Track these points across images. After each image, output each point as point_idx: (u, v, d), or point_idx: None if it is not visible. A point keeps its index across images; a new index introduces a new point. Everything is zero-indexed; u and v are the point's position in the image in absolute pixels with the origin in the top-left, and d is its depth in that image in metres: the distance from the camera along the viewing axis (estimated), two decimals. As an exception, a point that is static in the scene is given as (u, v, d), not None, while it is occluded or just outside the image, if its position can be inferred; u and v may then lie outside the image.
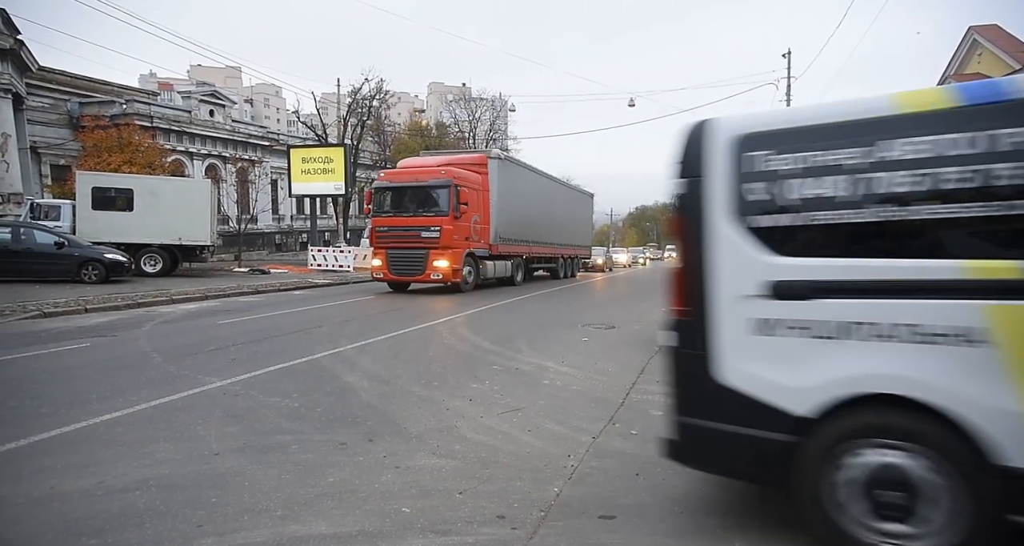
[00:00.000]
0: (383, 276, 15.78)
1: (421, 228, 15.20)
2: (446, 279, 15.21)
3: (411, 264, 15.37)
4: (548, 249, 22.48)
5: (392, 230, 15.53)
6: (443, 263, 15.08)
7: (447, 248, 15.12)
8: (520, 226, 19.22)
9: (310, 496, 3.20)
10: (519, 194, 19.21)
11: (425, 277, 15.23)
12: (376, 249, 16.03)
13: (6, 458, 3.75)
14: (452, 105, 56.02)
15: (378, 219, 15.93)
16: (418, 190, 15.61)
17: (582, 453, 3.92)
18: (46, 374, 6.12)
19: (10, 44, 21.11)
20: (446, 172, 15.49)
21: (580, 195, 28.70)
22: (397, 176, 16.37)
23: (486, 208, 17.13)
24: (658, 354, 7.54)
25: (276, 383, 5.77)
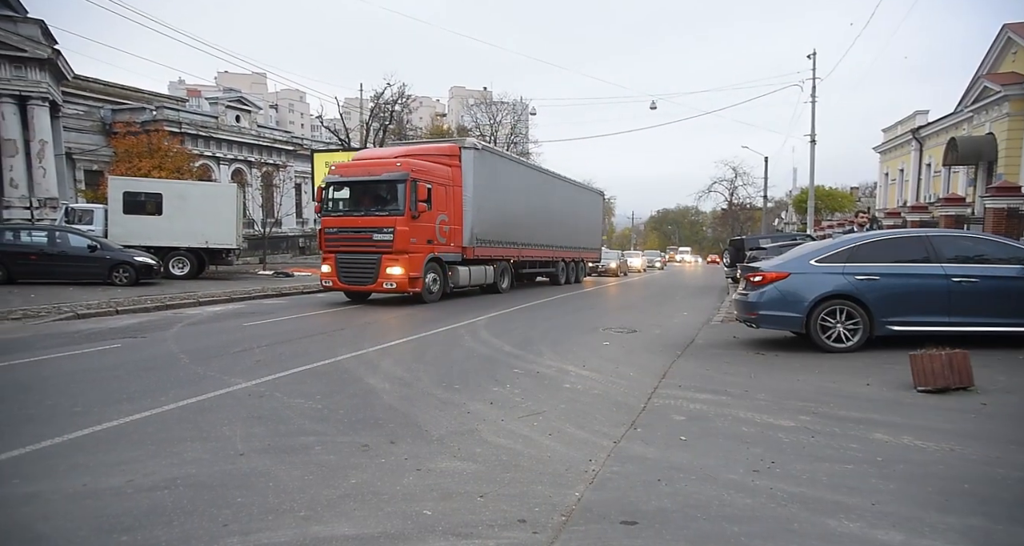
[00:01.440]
0: (332, 284, 13.72)
1: (373, 230, 13.08)
2: (401, 288, 13.14)
3: (362, 271, 13.27)
4: (544, 252, 20.41)
5: (342, 231, 13.47)
6: (397, 270, 12.97)
7: (402, 253, 12.99)
8: (504, 226, 17.13)
9: (333, 497, 3.23)
10: (503, 190, 17.01)
11: (377, 286, 13.18)
12: (325, 253, 13.85)
13: (42, 455, 3.86)
14: (473, 109, 56.28)
15: (328, 219, 13.76)
16: (370, 185, 13.45)
17: (603, 457, 3.90)
18: (80, 374, 6.29)
19: (48, 54, 21.77)
20: (402, 164, 13.21)
21: (586, 193, 26.11)
22: (349, 169, 13.88)
23: (458, 206, 14.98)
24: (680, 358, 7.47)
25: (300, 385, 5.85)
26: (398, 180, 13.03)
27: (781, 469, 3.67)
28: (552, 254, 21.15)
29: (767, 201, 48.26)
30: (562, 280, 22.18)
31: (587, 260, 25.75)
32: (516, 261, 18.42)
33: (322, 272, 13.94)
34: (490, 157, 16.59)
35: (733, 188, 73.06)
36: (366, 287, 13.41)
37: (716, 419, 4.76)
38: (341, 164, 14.56)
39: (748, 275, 8.22)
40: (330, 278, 13.67)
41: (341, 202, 13.73)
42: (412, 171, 13.13)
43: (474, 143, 15.96)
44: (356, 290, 13.84)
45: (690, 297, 18.46)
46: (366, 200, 13.55)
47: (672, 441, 4.24)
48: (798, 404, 5.16)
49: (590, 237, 25.95)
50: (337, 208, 13.71)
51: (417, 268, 13.31)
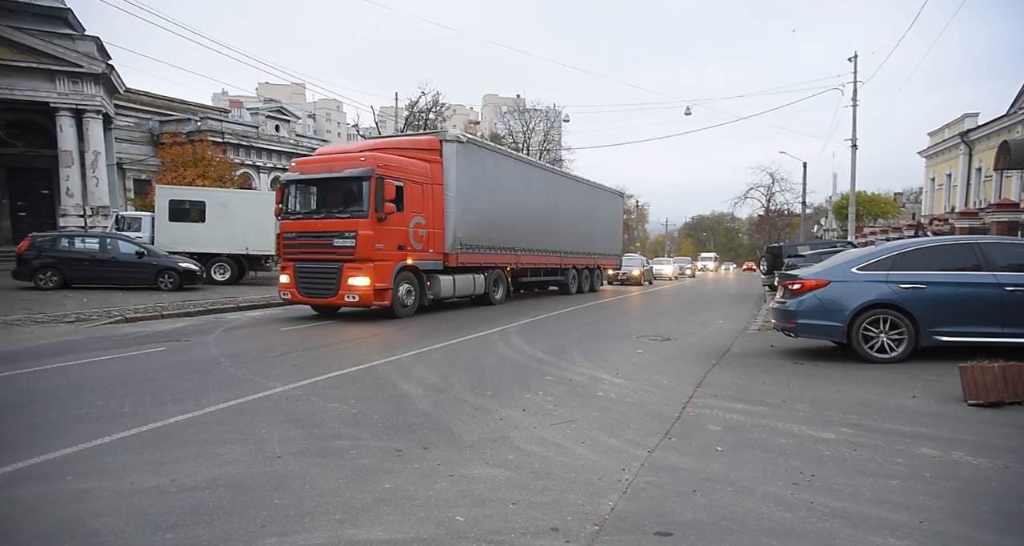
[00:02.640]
0: (291, 296, 12.06)
1: (333, 234, 11.47)
2: (365, 302, 11.45)
3: (322, 282, 11.62)
4: (550, 258, 18.64)
5: (300, 237, 11.87)
6: (361, 281, 11.29)
7: (366, 260, 11.34)
8: (498, 230, 15.41)
9: (367, 501, 3.27)
10: (494, 189, 15.30)
11: (338, 299, 11.50)
12: (284, 261, 12.26)
13: (93, 453, 4.01)
14: (506, 116, 56.62)
15: (286, 222, 12.16)
16: (332, 183, 11.85)
17: (637, 467, 3.85)
18: (128, 375, 6.53)
19: (102, 69, 22.79)
20: (367, 158, 11.46)
21: (603, 194, 23.84)
22: (309, 166, 12.22)
23: (439, 207, 13.23)
24: (716, 367, 7.33)
25: (335, 389, 5.95)
26: (361, 177, 11.34)
27: (822, 483, 3.56)
28: (560, 261, 19.44)
29: (806, 207, 47.09)
30: (573, 289, 20.49)
31: (605, 267, 24.00)
32: (514, 269, 16.77)
33: (280, 283, 12.25)
34: (478, 152, 14.61)
35: (770, 194, 71.64)
36: (327, 300, 11.70)
37: (753, 430, 4.66)
38: (301, 160, 12.93)
39: (786, 283, 8.03)
40: (289, 290, 12.03)
41: (301, 203, 12.22)
42: (378, 166, 11.43)
43: (457, 135, 13.72)
44: (317, 303, 12.22)
45: (726, 305, 18.11)
46: (327, 201, 12.01)
47: (708, 451, 4.16)
48: (839, 416, 5.01)
49: (608, 242, 23.98)
50: (296, 210, 12.15)
51: (385, 278, 11.61)
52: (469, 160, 14.00)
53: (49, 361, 7.33)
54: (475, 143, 14.76)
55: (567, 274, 20.11)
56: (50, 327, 10.33)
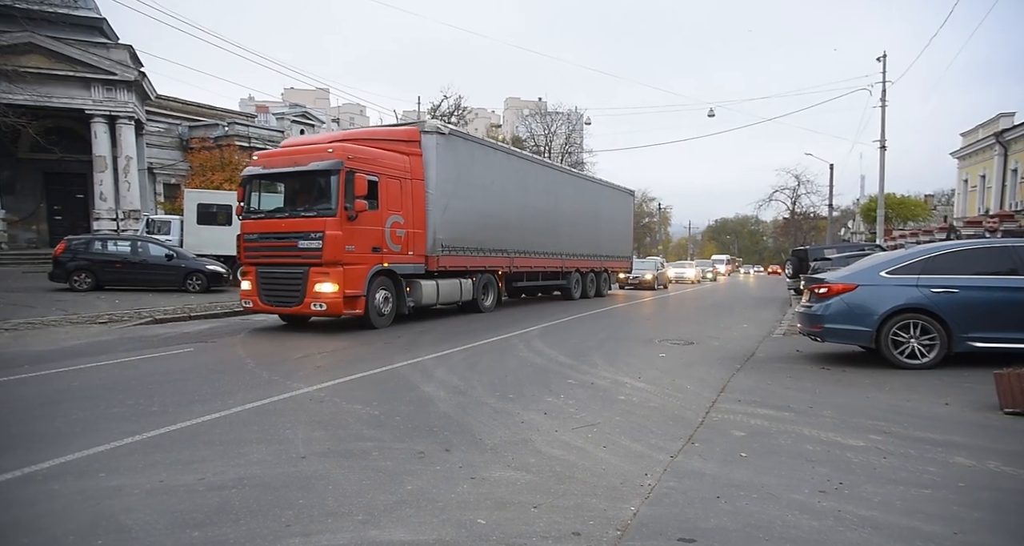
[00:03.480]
0: (253, 304, 10.86)
1: (298, 235, 10.25)
2: (334, 310, 10.19)
3: (286, 288, 10.42)
4: (549, 261, 17.31)
5: (262, 238, 10.68)
6: (328, 287, 10.03)
7: (335, 264, 10.09)
8: (486, 230, 14.09)
9: (389, 502, 3.30)
10: (483, 186, 13.97)
11: (304, 308, 10.29)
12: (245, 265, 11.11)
13: (125, 451, 4.11)
14: (528, 119, 56.66)
15: (247, 222, 10.95)
16: (296, 178, 10.71)
17: (659, 472, 3.82)
18: (157, 375, 6.68)
19: (135, 76, 23.40)
20: (335, 150, 10.23)
21: (611, 192, 22.37)
22: (272, 159, 10.99)
23: (419, 204, 11.93)
24: (740, 372, 7.23)
25: (358, 391, 6.01)
26: (329, 171, 10.12)
27: (850, 491, 3.49)
28: (561, 264, 18.01)
29: (832, 210, 46.23)
30: (576, 294, 19.08)
31: (613, 270, 22.49)
32: (507, 272, 15.35)
33: (241, 289, 11.04)
34: (462, 145, 13.27)
35: (796, 197, 70.48)
36: (292, 309, 10.53)
37: (778, 436, 4.58)
38: (265, 153, 11.63)
39: (812, 287, 7.90)
40: (250, 297, 10.83)
41: (263, 201, 11.05)
42: (348, 159, 10.19)
43: (437, 125, 12.37)
44: (281, 312, 11.11)
45: (750, 309, 17.86)
46: (292, 198, 10.89)
47: (732, 457, 4.11)
48: (868, 422, 4.90)
49: (617, 243, 22.49)
50: (259, 208, 10.95)
51: (356, 284, 10.34)
52: (451, 154, 12.66)
53: (84, 361, 7.54)
54: (458, 135, 13.36)
55: (569, 278, 18.70)
56: (84, 328, 10.62)
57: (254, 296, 10.79)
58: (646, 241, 78.42)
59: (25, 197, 25.02)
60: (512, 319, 12.93)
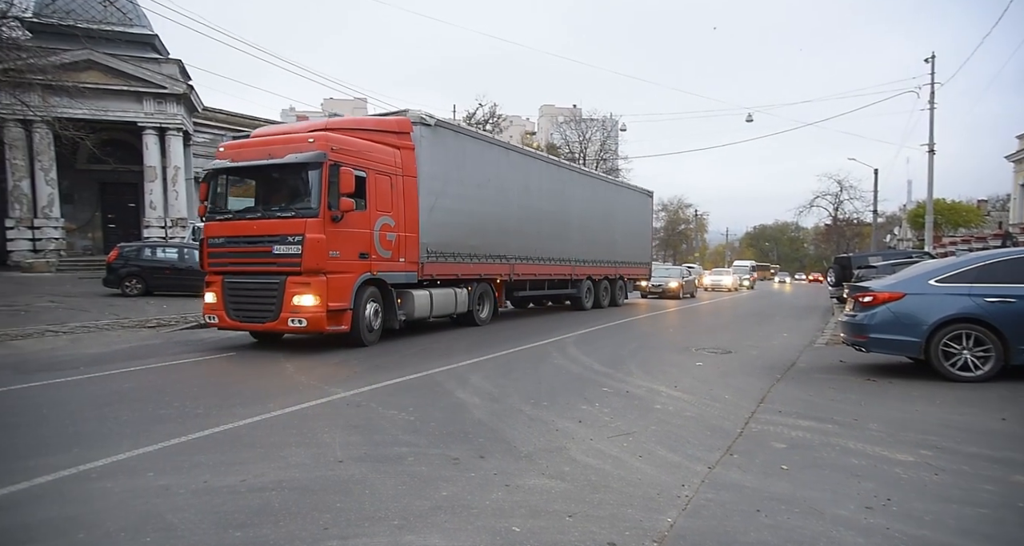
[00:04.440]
0: (219, 320, 9.28)
1: (273, 239, 8.73)
2: (315, 327, 8.67)
3: (258, 301, 8.90)
4: (556, 267, 15.83)
5: (230, 243, 9.12)
6: (309, 299, 8.60)
7: (317, 272, 8.63)
8: (481, 234, 12.59)
9: (425, 508, 3.32)
10: (477, 184, 12.47)
11: (280, 324, 8.74)
12: (209, 274, 9.45)
13: (172, 451, 4.26)
14: (562, 126, 56.66)
15: (212, 224, 9.40)
16: (271, 173, 9.26)
17: (697, 483, 3.74)
18: (201, 379, 6.90)
19: (183, 90, 24.39)
20: (317, 140, 8.77)
21: (627, 193, 20.99)
22: (242, 151, 9.39)
23: (412, 204, 10.49)
24: (781, 382, 7.05)
25: (393, 396, 6.09)
26: (309, 163, 8.67)
27: (899, 507, 3.36)
28: (571, 271, 16.53)
29: (877, 216, 44.75)
30: (588, 304, 17.63)
31: (630, 277, 20.99)
32: (506, 281, 13.84)
33: (205, 302, 9.41)
34: (451, 138, 11.69)
35: (838, 202, 68.42)
36: (265, 325, 8.91)
37: (821, 448, 4.45)
38: (233, 144, 9.98)
39: (857, 295, 7.66)
40: (215, 312, 9.24)
41: (231, 199, 9.62)
42: (331, 150, 8.77)
43: (421, 116, 10.80)
44: (252, 329, 9.51)
45: (790, 318, 17.41)
46: (266, 196, 9.43)
47: (772, 470, 4.00)
48: (917, 437, 4.71)
49: (634, 248, 20.84)
50: (226, 208, 9.46)
51: (342, 295, 8.93)
52: (439, 148, 11.21)
53: (134, 363, 7.85)
54: (447, 126, 11.70)
55: (580, 286, 17.13)
56: (135, 331, 11.07)
57: (220, 310, 9.19)
58: (682, 248, 77.35)
59: (82, 206, 26.23)
60: (509, 334, 11.38)
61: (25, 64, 17.38)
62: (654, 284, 24.54)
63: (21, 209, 22.74)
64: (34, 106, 18.93)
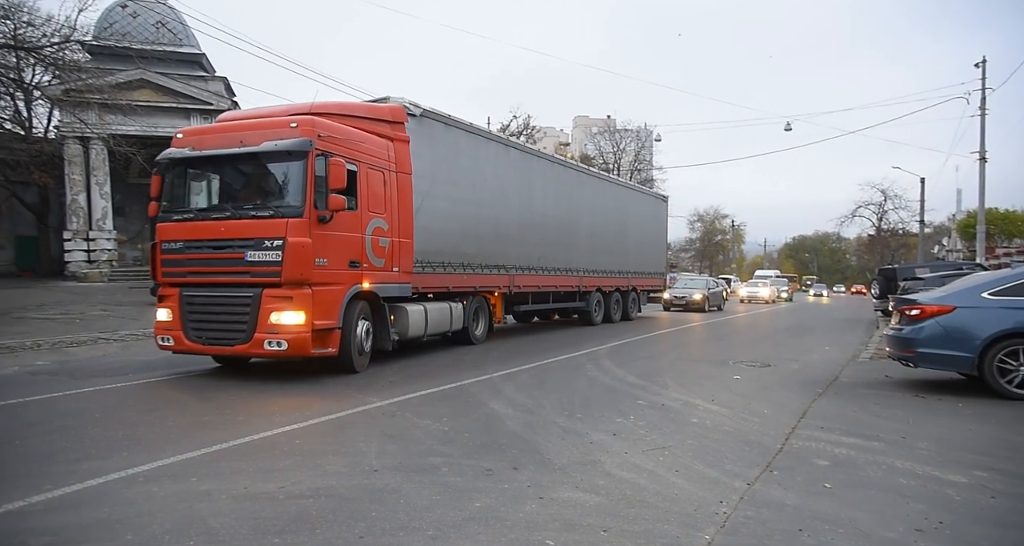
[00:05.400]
0: (174, 343, 7.62)
1: (245, 243, 7.25)
2: (298, 350, 7.17)
3: (226, 319, 7.37)
4: (563, 279, 14.30)
5: (191, 248, 7.58)
6: (290, 317, 7.12)
7: (301, 284, 7.19)
8: (476, 241, 11.11)
9: (458, 519, 3.32)
10: (472, 185, 11.04)
11: (252, 347, 7.25)
12: (163, 287, 7.82)
13: (213, 457, 4.37)
14: (596, 137, 56.62)
15: (167, 226, 7.75)
16: (242, 164, 7.82)
17: (736, 500, 3.65)
18: (243, 386, 7.08)
19: (228, 106, 25.32)
20: (301, 125, 7.33)
21: (638, 196, 19.62)
22: (206, 137, 7.90)
23: (406, 206, 9.06)
24: (823, 397, 6.84)
25: (428, 406, 6.13)
26: (292, 152, 7.24)
27: (952, 531, 3.21)
28: (578, 282, 15.00)
29: (924, 226, 43.17)
30: (597, 318, 16.14)
31: (643, 288, 19.46)
32: (506, 293, 12.32)
33: (157, 321, 7.79)
34: (441, 131, 10.16)
35: (882, 212, 66.29)
36: (234, 348, 7.35)
37: (867, 467, 4.29)
38: (193, 129, 8.87)
39: (903, 308, 7.40)
40: (170, 333, 7.61)
41: (190, 195, 8.04)
42: (319, 138, 7.34)
43: (405, 104, 9.36)
44: (217, 353, 7.94)
45: (832, 331, 16.90)
46: (235, 191, 7.93)
47: (815, 488, 3.88)
48: (971, 457, 4.50)
49: (647, 257, 19.41)
50: (185, 206, 7.88)
51: (330, 312, 7.50)
52: (427, 141, 9.76)
53: (178, 371, 8.12)
54: (436, 118, 10.04)
55: (589, 299, 15.70)
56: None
57: (176, 330, 7.53)
58: (719, 259, 76.03)
59: (133, 219, 27.35)
60: (509, 353, 10.02)
61: (84, 84, 18.35)
62: (676, 296, 23.53)
63: (78, 222, 23.87)
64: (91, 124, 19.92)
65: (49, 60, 18.44)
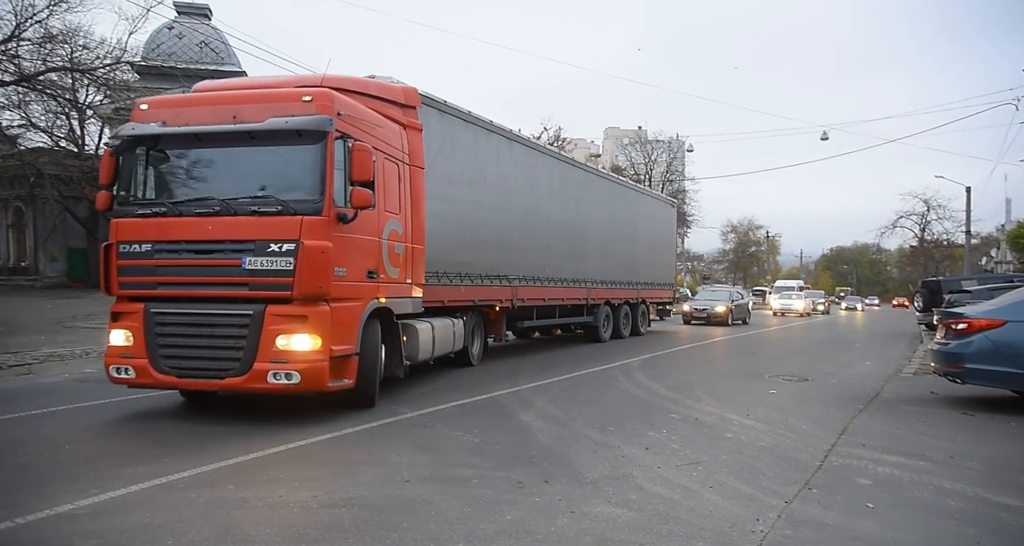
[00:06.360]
0: (135, 376, 5.87)
1: (244, 247, 5.76)
2: (313, 383, 5.72)
3: (212, 344, 5.78)
4: (569, 290, 12.79)
5: (164, 251, 5.95)
6: (302, 341, 5.66)
7: (316, 299, 5.80)
8: (474, 247, 9.60)
9: (489, 532, 3.32)
10: (469, 182, 9.57)
11: (251, 380, 5.65)
12: (119, 301, 6.12)
13: (250, 466, 4.47)
14: (627, 148, 56.44)
15: (127, 223, 6.07)
16: (235, 143, 6.08)
17: (773, 518, 3.55)
18: (275, 397, 7.20)
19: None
20: (317, 98, 5.92)
21: (648, 200, 18.10)
22: (185, 110, 6.25)
23: (418, 204, 7.75)
24: (864, 413, 6.62)
25: (459, 417, 6.15)
26: (307, 133, 5.79)
27: (1004, 556, 3.06)
28: (586, 294, 13.48)
29: (970, 237, 41.61)
30: (606, 334, 14.55)
31: (652, 301, 17.96)
32: (508, 308, 10.74)
33: (111, 345, 6.03)
34: (435, 119, 8.61)
35: (925, 223, 64.14)
36: (226, 382, 5.74)
37: (912, 487, 4.13)
38: (165, 100, 7.08)
39: (949, 322, 7.14)
40: (129, 361, 5.87)
41: (160, 184, 6.34)
42: (339, 117, 5.96)
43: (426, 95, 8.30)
44: (198, 387, 6.18)
45: (873, 344, 16.38)
46: (224, 179, 6.15)
47: (856, 507, 3.75)
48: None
49: (657, 267, 17.96)
50: (149, 197, 6.24)
51: (348, 334, 6.07)
52: (446, 133, 8.97)
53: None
54: (430, 103, 8.56)
55: (597, 313, 14.15)
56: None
57: (140, 358, 5.78)
58: (753, 270, 74.65)
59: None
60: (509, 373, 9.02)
61: (133, 103, 19.22)
62: (697, 308, 22.22)
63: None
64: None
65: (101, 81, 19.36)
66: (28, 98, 18.86)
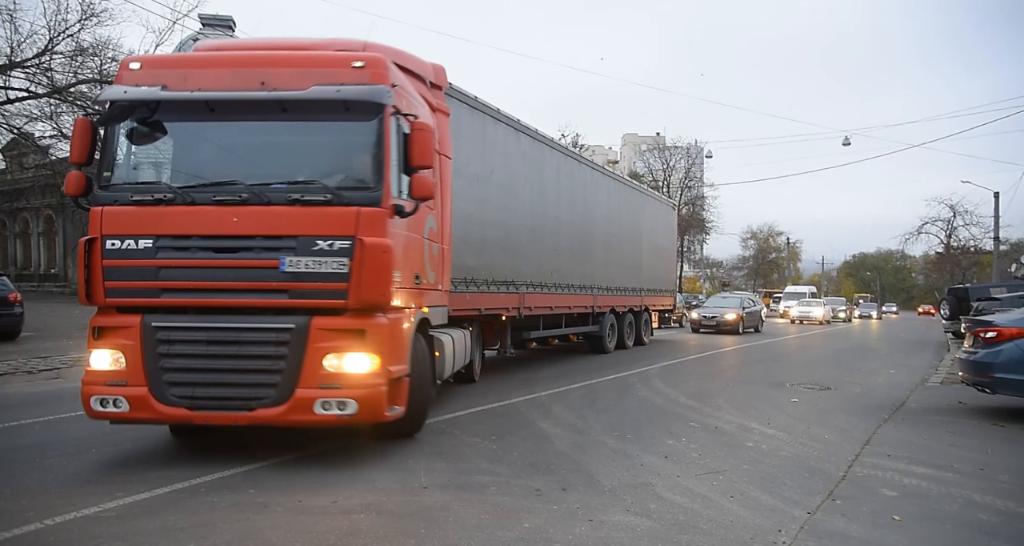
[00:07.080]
0: (130, 410, 4.43)
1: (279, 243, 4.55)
2: (370, 414, 4.52)
3: (240, 367, 4.51)
4: (575, 298, 11.80)
5: (171, 249, 4.58)
6: (358, 362, 4.51)
7: (374, 310, 4.68)
8: (481, 250, 8.66)
9: (507, 539, 3.31)
10: (475, 175, 8.44)
11: (293, 412, 4.40)
12: (100, 312, 4.68)
13: (270, 471, 4.52)
14: (646, 154, 56.16)
15: (118, 211, 4.60)
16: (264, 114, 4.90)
17: (795, 529, 3.50)
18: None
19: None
20: (371, 66, 4.73)
21: (650, 201, 17.06)
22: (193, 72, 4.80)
23: (447, 202, 6.82)
24: (889, 423, 6.49)
25: (476, 424, 6.15)
26: (355, 105, 4.72)
27: (1037, 572, 2.98)
28: (592, 301, 12.43)
29: (999, 243, 40.61)
30: (610, 344, 13.52)
31: (655, 308, 16.96)
32: (514, 318, 9.79)
33: (91, 369, 4.60)
34: (454, 107, 7.56)
35: (951, 229, 62.69)
36: (256, 414, 4.44)
37: (940, 500, 4.03)
38: (164, 59, 6.77)
39: (977, 330, 6.98)
40: (122, 390, 4.48)
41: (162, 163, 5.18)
42: (394, 87, 4.94)
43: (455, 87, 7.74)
44: (219, 422, 4.67)
45: (897, 353, 16.06)
46: (250, 160, 5.11)
47: (882, 520, 3.67)
48: (1058, 492, 4.17)
49: (659, 272, 17.12)
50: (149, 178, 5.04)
51: (401, 352, 5.04)
52: (474, 126, 8.45)
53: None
54: (463, 99, 8.17)
55: (602, 322, 13.12)
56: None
57: (138, 386, 4.49)
58: (773, 277, 73.66)
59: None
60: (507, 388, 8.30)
61: None
62: (706, 316, 21.40)
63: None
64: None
65: (128, 93, 19.72)
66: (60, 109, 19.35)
